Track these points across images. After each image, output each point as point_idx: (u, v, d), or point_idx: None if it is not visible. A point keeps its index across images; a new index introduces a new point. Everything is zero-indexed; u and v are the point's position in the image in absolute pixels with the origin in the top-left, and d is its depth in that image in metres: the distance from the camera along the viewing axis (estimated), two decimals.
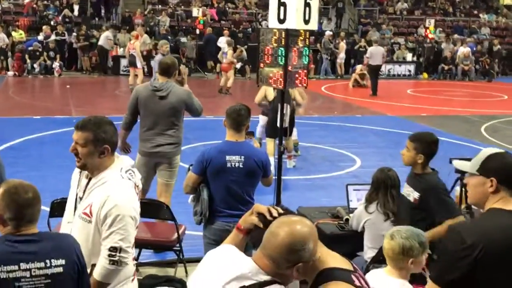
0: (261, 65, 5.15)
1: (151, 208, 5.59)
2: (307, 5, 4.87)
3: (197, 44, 23.79)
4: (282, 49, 4.90)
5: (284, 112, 5.15)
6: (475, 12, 31.54)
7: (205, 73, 23.23)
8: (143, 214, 5.59)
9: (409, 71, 25.49)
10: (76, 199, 3.42)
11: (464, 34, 28.69)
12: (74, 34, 22.89)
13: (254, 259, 2.34)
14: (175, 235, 5.48)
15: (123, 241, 3.18)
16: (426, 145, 4.58)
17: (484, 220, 2.70)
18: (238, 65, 21.41)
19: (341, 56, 24.13)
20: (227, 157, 4.54)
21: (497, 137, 13.15)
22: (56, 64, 21.26)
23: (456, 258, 2.58)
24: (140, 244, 5.66)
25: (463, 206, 5.48)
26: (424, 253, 3.43)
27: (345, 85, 21.81)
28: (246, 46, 22.77)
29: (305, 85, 5.11)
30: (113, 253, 3.16)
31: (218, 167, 4.54)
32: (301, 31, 4.99)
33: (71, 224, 3.38)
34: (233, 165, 4.54)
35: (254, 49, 23.52)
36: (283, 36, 4.90)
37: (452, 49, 25.48)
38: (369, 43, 24.89)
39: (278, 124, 5.25)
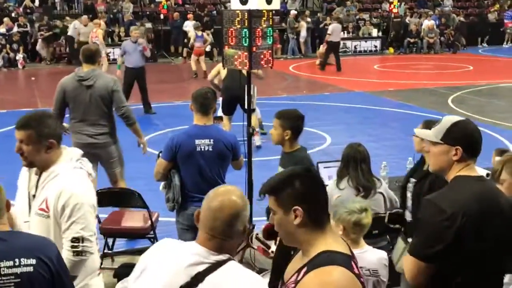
0: (226, 47, 5.12)
1: (122, 197, 5.58)
2: None
3: (162, 29, 23.55)
4: (246, 30, 4.88)
5: (252, 93, 5.13)
6: None
7: (172, 58, 23.02)
8: (115, 203, 5.66)
9: (375, 46, 25.62)
10: (29, 197, 3.34)
11: (427, 7, 28.90)
12: (36, 26, 22.48)
13: (199, 243, 2.36)
14: (149, 223, 5.47)
15: (84, 230, 3.16)
16: (292, 120, 4.50)
17: (457, 189, 2.69)
18: (207, 48, 21.30)
19: (303, 35, 24.04)
20: (197, 141, 4.53)
21: (464, 107, 13.34)
22: (19, 56, 20.87)
23: (438, 230, 2.57)
24: (113, 233, 5.67)
25: None
26: None
27: (312, 64, 21.83)
28: (212, 30, 22.60)
29: (270, 65, 5.10)
30: (76, 244, 3.14)
31: (188, 151, 4.53)
32: (264, 11, 4.97)
33: (27, 223, 3.30)
34: (202, 149, 4.53)
35: (220, 32, 23.31)
36: (246, 17, 4.87)
37: (417, 23, 25.66)
38: (335, 20, 24.96)
39: (246, 106, 5.24)
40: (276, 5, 5.01)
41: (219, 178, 4.63)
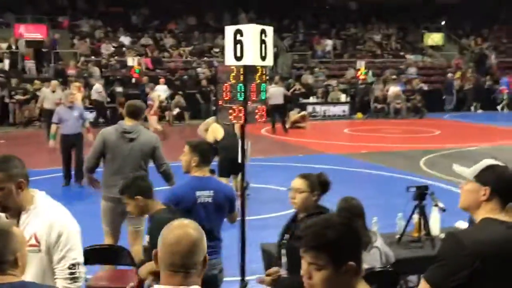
0: (220, 102, 5.17)
1: (110, 254, 5.44)
2: (262, 42, 4.97)
3: (134, 93, 23.66)
4: (241, 85, 4.95)
5: (246, 147, 5.16)
6: (402, 53, 32.86)
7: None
8: (103, 260, 5.51)
9: (344, 111, 26.14)
10: None
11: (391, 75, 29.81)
12: (6, 89, 22.35)
13: (163, 284, 2.33)
14: (135, 281, 5.32)
15: (78, 256, 3.24)
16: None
17: (482, 229, 2.71)
18: (175, 112, 21.62)
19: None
20: (197, 193, 4.51)
21: (436, 169, 13.56)
22: None
23: (456, 266, 2.58)
24: None
25: (422, 233, 5.57)
26: None
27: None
28: (181, 93, 22.91)
29: (264, 119, 5.16)
30: (73, 270, 3.20)
31: (189, 204, 4.50)
32: (258, 67, 5.06)
33: None
34: (203, 201, 4.52)
35: (191, 95, 23.83)
36: (241, 72, 4.96)
37: (383, 89, 26.36)
38: (305, 86, 25.52)
39: (239, 160, 5.25)
40: (269, 61, 5.12)
41: (216, 231, 4.59)
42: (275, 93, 20.23)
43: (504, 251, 2.63)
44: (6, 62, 24.85)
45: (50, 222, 3.19)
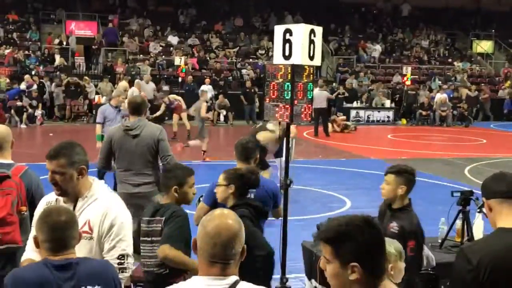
0: (267, 99, 5.25)
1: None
2: (311, 41, 5.02)
3: (179, 92, 23.97)
4: (288, 83, 5.01)
5: (290, 145, 5.22)
6: (449, 60, 32.40)
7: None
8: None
9: (388, 117, 25.92)
10: None
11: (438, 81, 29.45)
12: (54, 83, 22.92)
13: (203, 275, 2.36)
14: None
15: (128, 247, 3.29)
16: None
17: (492, 239, 2.70)
18: (221, 113, 22.01)
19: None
20: None
21: (481, 178, 13.20)
22: (38, 113, 21.22)
23: (463, 279, 2.59)
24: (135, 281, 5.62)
25: (465, 238, 5.54)
26: (401, 260, 3.47)
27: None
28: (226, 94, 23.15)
29: (309, 119, 5.20)
30: (122, 261, 3.25)
31: None
32: (306, 66, 5.12)
33: None
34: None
35: (235, 96, 24.01)
36: (289, 71, 5.02)
37: (428, 95, 26.04)
38: (348, 90, 25.41)
39: (283, 159, 5.31)
40: (317, 61, 5.16)
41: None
42: (319, 96, 20.19)
43: (509, 260, 2.60)
44: (57, 58, 25.49)
45: (104, 210, 3.26)
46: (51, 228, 2.73)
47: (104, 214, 3.24)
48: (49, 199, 3.44)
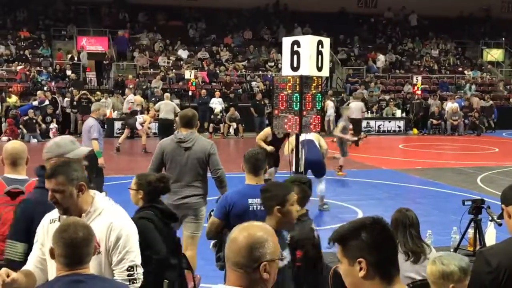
0: (276, 111, 5.26)
1: None
2: (319, 53, 5.04)
3: (190, 106, 24.08)
4: (297, 95, 5.03)
5: (300, 156, 5.22)
6: (460, 69, 32.32)
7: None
8: None
9: (399, 127, 25.85)
10: None
11: (450, 90, 29.34)
12: (67, 99, 23.09)
13: (230, 284, 2.34)
14: (191, 285, 5.44)
15: (136, 258, 3.30)
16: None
17: (510, 242, 2.72)
18: (232, 125, 22.09)
19: (329, 114, 24.42)
20: (249, 201, 4.58)
21: (494, 187, 13.25)
22: (53, 126, 21.40)
23: (483, 284, 2.60)
24: None
25: (477, 247, 5.50)
26: (467, 278, 3.44)
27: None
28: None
29: (319, 130, 5.21)
30: (132, 272, 3.25)
31: (241, 211, 4.57)
32: (314, 77, 5.13)
33: None
34: (255, 208, 4.57)
35: (245, 109, 24.07)
36: (298, 82, 5.03)
37: (439, 105, 25.96)
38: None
39: (293, 168, 5.31)
40: (325, 72, 5.18)
41: None
42: (355, 108, 20.16)
43: None
44: (68, 73, 25.69)
45: (109, 224, 3.26)
46: (67, 244, 2.73)
47: (109, 228, 3.25)
48: (52, 216, 3.43)
